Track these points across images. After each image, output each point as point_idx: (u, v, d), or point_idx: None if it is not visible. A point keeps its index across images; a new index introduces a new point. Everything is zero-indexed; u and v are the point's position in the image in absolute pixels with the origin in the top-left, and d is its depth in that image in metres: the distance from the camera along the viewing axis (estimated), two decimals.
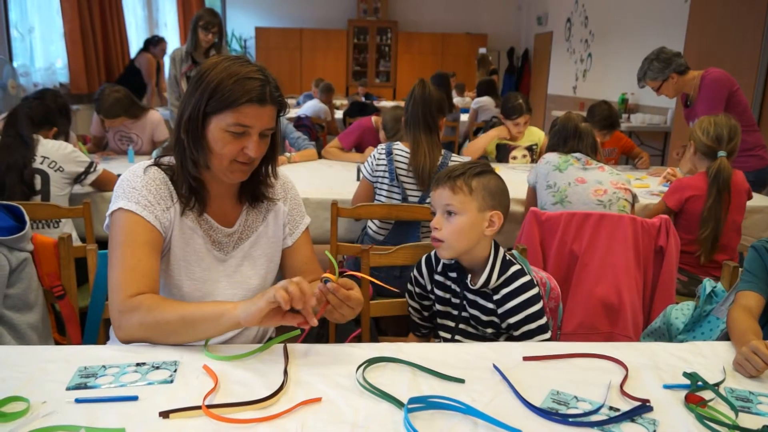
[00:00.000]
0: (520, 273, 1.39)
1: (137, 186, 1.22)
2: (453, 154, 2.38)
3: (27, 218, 1.51)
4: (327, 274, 1.13)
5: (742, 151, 3.02)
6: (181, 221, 1.25)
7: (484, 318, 1.41)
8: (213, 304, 1.14)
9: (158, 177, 1.25)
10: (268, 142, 1.27)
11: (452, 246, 1.36)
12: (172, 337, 1.14)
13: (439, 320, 1.51)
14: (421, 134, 2.31)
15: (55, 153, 2.33)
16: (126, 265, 1.16)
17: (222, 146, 1.19)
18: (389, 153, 2.34)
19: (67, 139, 2.85)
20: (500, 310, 1.38)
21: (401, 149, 2.34)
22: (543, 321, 1.38)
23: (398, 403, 0.97)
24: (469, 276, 1.41)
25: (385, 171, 2.34)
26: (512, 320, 1.36)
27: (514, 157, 3.59)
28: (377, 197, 2.39)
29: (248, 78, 1.17)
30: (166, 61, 4.94)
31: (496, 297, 1.38)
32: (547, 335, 1.38)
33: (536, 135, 3.64)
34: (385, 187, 2.35)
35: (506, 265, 1.40)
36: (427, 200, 2.30)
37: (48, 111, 2.52)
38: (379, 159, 2.36)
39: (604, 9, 7.77)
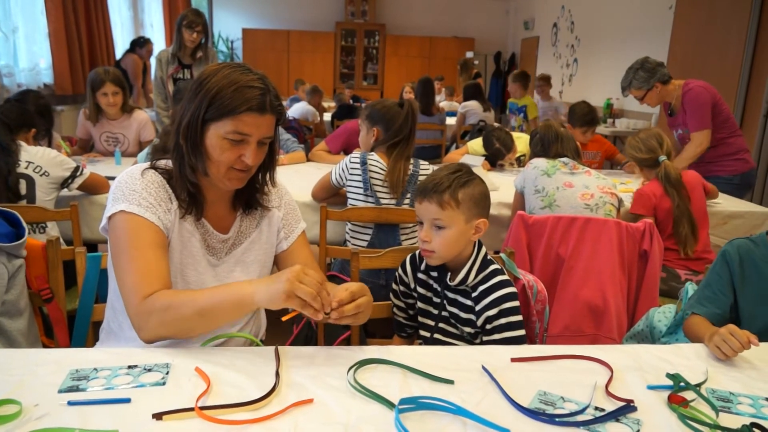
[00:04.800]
0: (498, 272, 1.43)
1: (137, 188, 1.21)
2: (422, 162, 2.40)
3: (24, 224, 1.49)
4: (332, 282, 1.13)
5: (727, 155, 3.11)
6: (180, 224, 1.26)
7: (463, 316, 1.44)
8: (228, 293, 1.12)
9: (156, 180, 1.25)
10: (266, 150, 1.28)
11: (442, 256, 1.41)
12: (194, 332, 1.16)
13: (420, 318, 1.53)
14: (407, 149, 2.34)
15: (40, 158, 2.28)
16: (137, 267, 1.15)
17: (220, 153, 1.20)
18: (364, 163, 2.33)
19: (50, 140, 2.83)
20: (477, 307, 1.41)
21: (376, 160, 2.33)
22: (517, 318, 1.40)
23: (389, 404, 0.99)
24: (449, 274, 1.44)
25: (359, 181, 2.33)
26: (487, 314, 1.39)
27: (501, 165, 3.63)
28: (351, 202, 2.38)
29: (248, 86, 1.17)
30: (153, 62, 4.90)
31: (474, 294, 1.42)
32: (519, 333, 1.40)
33: (524, 145, 3.62)
34: (360, 197, 2.35)
35: (485, 264, 1.44)
36: (403, 205, 2.33)
37: (23, 112, 2.44)
38: (352, 168, 2.35)
39: (590, 15, 7.87)
